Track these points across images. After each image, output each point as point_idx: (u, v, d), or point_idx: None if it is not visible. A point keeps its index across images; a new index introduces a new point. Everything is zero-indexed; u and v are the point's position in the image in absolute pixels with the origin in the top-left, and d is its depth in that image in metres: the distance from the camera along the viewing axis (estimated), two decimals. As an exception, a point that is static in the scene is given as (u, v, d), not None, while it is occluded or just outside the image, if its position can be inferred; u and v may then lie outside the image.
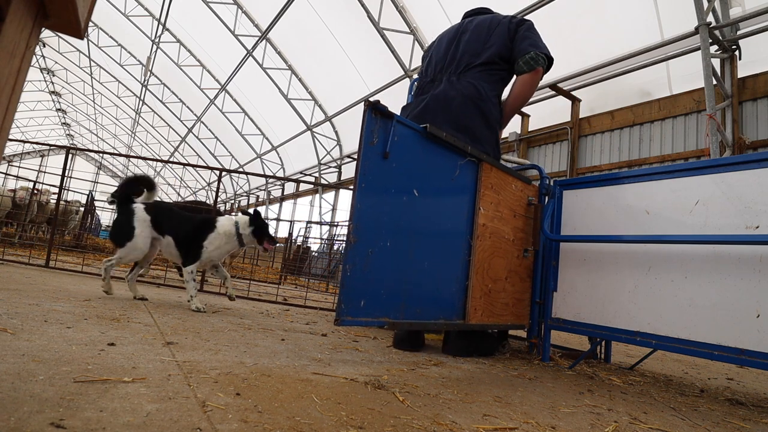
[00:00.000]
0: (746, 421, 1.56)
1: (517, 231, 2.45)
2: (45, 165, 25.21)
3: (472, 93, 2.31)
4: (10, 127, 0.53)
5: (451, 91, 2.34)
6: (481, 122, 2.32)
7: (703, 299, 1.86)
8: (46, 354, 1.21)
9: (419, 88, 2.54)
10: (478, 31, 2.43)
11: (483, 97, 2.33)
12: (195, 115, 18.69)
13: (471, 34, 2.45)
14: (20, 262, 4.15)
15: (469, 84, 2.33)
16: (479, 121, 2.32)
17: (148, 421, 0.85)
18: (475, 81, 2.34)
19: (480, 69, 2.36)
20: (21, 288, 2.49)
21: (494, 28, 2.40)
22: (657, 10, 6.26)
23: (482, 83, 2.34)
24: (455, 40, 2.49)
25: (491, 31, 2.39)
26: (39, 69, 23.12)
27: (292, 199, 18.04)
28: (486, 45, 2.38)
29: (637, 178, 2.23)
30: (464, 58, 2.40)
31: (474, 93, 2.31)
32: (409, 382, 1.48)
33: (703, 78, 5.20)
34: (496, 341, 2.39)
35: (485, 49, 2.37)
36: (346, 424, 0.99)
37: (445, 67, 2.45)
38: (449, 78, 2.40)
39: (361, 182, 1.67)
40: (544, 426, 1.19)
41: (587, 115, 7.64)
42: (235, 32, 12.53)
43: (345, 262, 1.63)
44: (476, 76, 2.35)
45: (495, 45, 2.36)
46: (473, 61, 2.37)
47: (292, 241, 10.32)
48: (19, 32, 0.48)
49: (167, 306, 2.61)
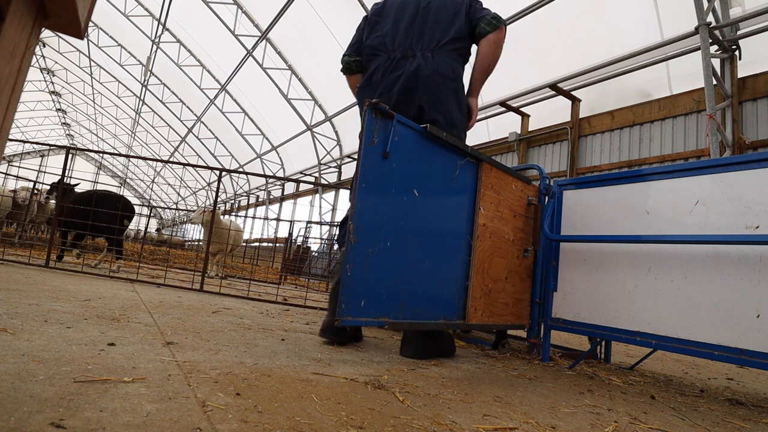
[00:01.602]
0: (746, 421, 1.56)
1: (517, 231, 2.45)
2: (45, 165, 25.23)
3: (448, 72, 2.23)
4: (10, 127, 0.53)
5: (428, 68, 2.22)
6: (455, 104, 2.25)
7: (703, 299, 1.86)
8: (46, 354, 1.21)
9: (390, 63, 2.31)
10: (445, 7, 2.33)
11: (457, 78, 2.25)
12: (195, 115, 18.69)
13: (436, 8, 2.34)
14: (20, 262, 4.15)
15: (444, 62, 2.24)
16: (454, 103, 2.24)
17: (148, 421, 0.85)
18: (449, 59, 2.25)
19: (450, 47, 2.27)
20: (21, 288, 2.49)
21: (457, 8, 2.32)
22: (657, 10, 6.26)
23: (455, 63, 2.26)
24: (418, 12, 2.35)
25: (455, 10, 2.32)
26: (39, 69, 23.12)
27: (292, 199, 18.05)
28: (453, 20, 2.30)
29: (637, 178, 2.23)
30: (436, 34, 2.29)
31: (450, 72, 2.23)
32: (409, 382, 1.48)
33: (703, 78, 5.20)
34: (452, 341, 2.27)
35: (452, 24, 2.29)
36: (346, 424, 0.99)
37: (415, 41, 2.31)
38: (423, 54, 2.27)
39: (361, 182, 1.67)
40: (544, 426, 1.19)
41: (587, 115, 7.64)
42: (235, 32, 12.53)
43: (345, 262, 1.63)
44: (449, 55, 2.26)
45: (459, 21, 2.29)
46: (444, 37, 2.28)
47: (292, 241, 10.32)
48: (19, 32, 0.48)
49: (167, 306, 2.61)
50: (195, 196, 28.27)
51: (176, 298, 3.12)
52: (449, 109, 2.22)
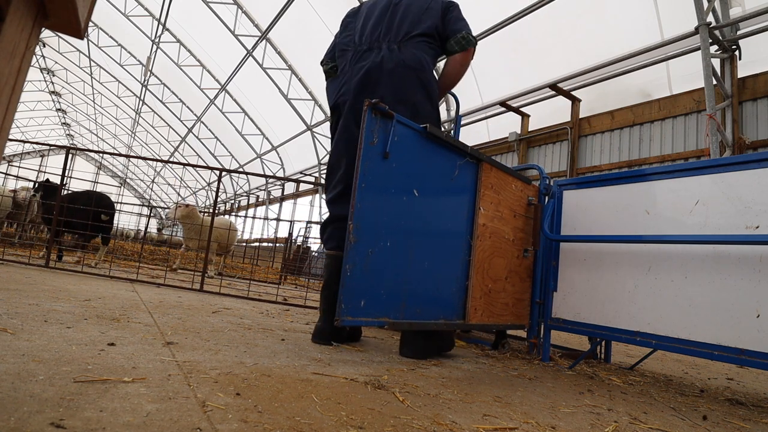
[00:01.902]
0: (746, 421, 1.56)
1: (517, 231, 2.45)
2: (45, 165, 25.22)
3: (414, 63, 2.19)
4: (10, 127, 0.53)
5: (392, 60, 2.20)
6: (423, 95, 2.20)
7: (703, 299, 1.86)
8: (46, 354, 1.21)
9: (356, 55, 2.30)
10: (418, 3, 2.31)
11: (425, 68, 2.21)
12: (195, 115, 18.69)
13: (408, 4, 2.32)
14: (20, 262, 4.15)
15: (411, 54, 2.20)
16: (421, 94, 2.20)
17: (148, 421, 0.85)
18: (417, 51, 2.22)
19: (419, 39, 2.23)
20: (21, 288, 2.49)
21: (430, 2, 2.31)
22: (657, 10, 6.27)
23: (423, 54, 2.22)
24: (389, 8, 2.34)
25: (427, 4, 2.30)
26: (39, 69, 23.13)
27: (292, 199, 18.05)
28: (424, 16, 2.27)
29: (637, 178, 2.23)
30: (404, 26, 2.27)
31: (416, 64, 2.19)
32: (409, 382, 1.48)
33: (703, 78, 5.21)
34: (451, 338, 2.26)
35: (424, 19, 2.26)
36: (346, 424, 0.99)
37: (382, 34, 2.28)
38: (389, 46, 2.24)
39: (361, 182, 1.67)
40: (544, 426, 1.19)
41: (587, 115, 7.64)
42: (235, 32, 12.53)
43: (345, 262, 1.63)
44: (417, 46, 2.23)
45: (432, 18, 2.26)
46: (413, 30, 2.25)
47: (292, 241, 10.32)
48: (19, 32, 0.48)
49: (167, 306, 2.61)
50: (195, 196, 28.27)
51: (176, 298, 3.12)
52: (414, 99, 2.17)
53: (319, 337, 2.07)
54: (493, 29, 7.68)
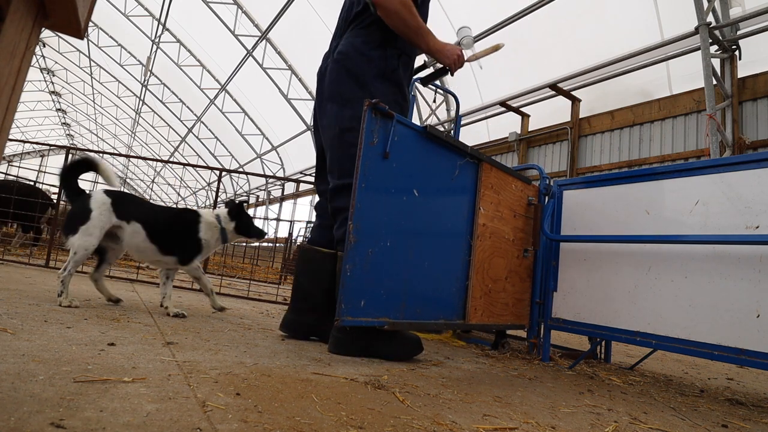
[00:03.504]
0: (746, 421, 1.56)
1: (517, 231, 2.45)
2: (45, 165, 25.23)
3: (340, 57, 2.13)
4: (10, 127, 0.53)
5: (324, 64, 2.20)
6: (350, 83, 2.11)
7: (703, 299, 1.86)
8: (46, 354, 1.21)
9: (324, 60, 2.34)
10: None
11: (349, 56, 2.12)
12: (195, 115, 18.68)
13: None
14: (20, 262, 4.15)
15: (344, 45, 2.16)
16: (348, 83, 2.11)
17: (148, 421, 0.85)
18: (347, 41, 2.16)
19: (353, 25, 2.19)
20: (21, 288, 2.49)
21: None
22: (657, 10, 6.26)
23: (354, 39, 2.15)
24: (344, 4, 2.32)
25: None
26: (39, 69, 23.11)
27: (292, 199, 18.05)
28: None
29: (637, 178, 2.23)
30: (340, 20, 2.27)
31: (341, 57, 2.13)
32: (409, 382, 1.48)
33: (703, 78, 5.20)
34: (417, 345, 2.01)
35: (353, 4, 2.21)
36: (346, 424, 0.99)
37: (337, 34, 2.28)
38: (338, 43, 2.22)
39: (361, 182, 1.67)
40: (544, 426, 1.19)
41: (587, 115, 7.64)
42: (235, 32, 12.53)
43: (345, 262, 1.63)
44: (350, 35, 2.17)
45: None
46: (348, 16, 2.21)
47: (292, 241, 10.32)
48: (19, 32, 0.48)
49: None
50: (195, 196, 28.26)
51: (176, 298, 3.12)
52: (340, 91, 2.11)
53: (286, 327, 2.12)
54: (493, 29, 7.67)
